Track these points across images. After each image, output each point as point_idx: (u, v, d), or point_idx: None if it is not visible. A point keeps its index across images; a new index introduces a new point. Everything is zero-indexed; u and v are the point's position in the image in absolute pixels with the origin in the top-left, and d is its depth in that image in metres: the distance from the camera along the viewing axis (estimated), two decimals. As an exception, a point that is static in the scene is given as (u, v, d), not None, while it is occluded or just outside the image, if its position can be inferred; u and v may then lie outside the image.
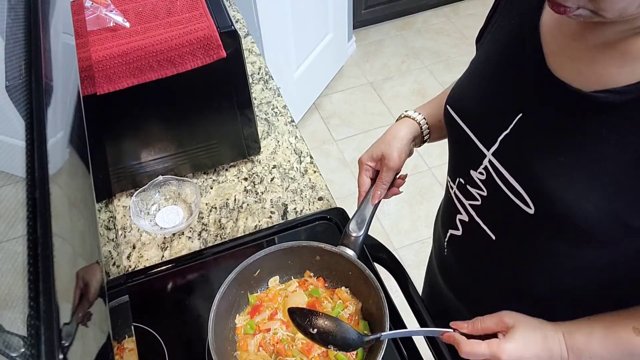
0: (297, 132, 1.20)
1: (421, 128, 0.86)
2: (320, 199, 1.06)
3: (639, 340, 0.60)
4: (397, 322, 0.83)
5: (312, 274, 0.87)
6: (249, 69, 1.34)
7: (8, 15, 0.47)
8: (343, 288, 0.85)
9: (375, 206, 0.86)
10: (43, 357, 0.27)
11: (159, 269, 0.95)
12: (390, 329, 0.74)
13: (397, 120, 0.89)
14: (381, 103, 2.81)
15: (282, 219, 1.03)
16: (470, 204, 0.73)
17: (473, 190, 0.71)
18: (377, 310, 0.77)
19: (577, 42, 0.56)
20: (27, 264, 0.31)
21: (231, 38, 0.89)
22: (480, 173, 0.68)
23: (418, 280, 0.94)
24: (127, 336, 0.68)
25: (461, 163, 0.74)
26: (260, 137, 1.11)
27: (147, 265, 0.97)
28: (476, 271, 0.79)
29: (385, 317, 0.74)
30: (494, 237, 0.70)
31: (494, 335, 0.66)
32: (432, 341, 0.81)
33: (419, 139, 0.88)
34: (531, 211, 0.60)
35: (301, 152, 1.15)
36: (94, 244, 0.46)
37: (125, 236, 1.03)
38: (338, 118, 2.74)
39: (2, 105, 0.40)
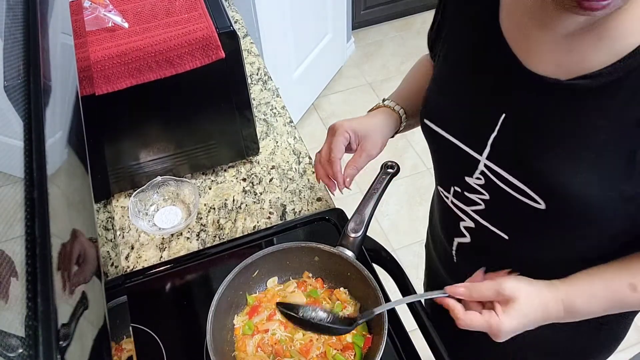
0: (296, 133, 1.20)
1: (401, 123, 0.85)
2: (319, 199, 1.06)
3: (632, 299, 0.61)
4: (395, 322, 0.83)
5: (310, 275, 0.87)
6: (248, 69, 1.34)
7: (7, 16, 0.47)
8: (341, 289, 0.85)
9: (374, 207, 0.86)
10: (41, 358, 0.27)
11: (157, 269, 0.95)
12: (388, 330, 0.74)
13: (377, 108, 0.86)
14: (380, 104, 2.81)
15: (281, 219, 1.03)
16: (472, 210, 0.72)
17: (473, 196, 0.70)
18: (376, 311, 0.77)
19: (546, 32, 0.55)
20: (25, 265, 0.31)
21: (230, 38, 0.89)
22: (478, 178, 0.67)
23: (416, 281, 0.94)
24: (125, 337, 0.68)
25: (452, 172, 0.73)
26: (259, 137, 1.11)
27: (146, 265, 0.97)
28: (493, 271, 0.79)
29: (384, 318, 0.74)
30: (506, 237, 0.70)
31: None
32: (431, 342, 0.81)
33: (395, 130, 0.86)
34: (542, 207, 0.60)
35: (300, 153, 1.15)
36: (92, 244, 0.46)
37: (123, 237, 1.03)
38: (337, 119, 2.71)
39: (1, 106, 0.40)
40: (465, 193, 0.71)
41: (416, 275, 2.10)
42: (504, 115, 0.61)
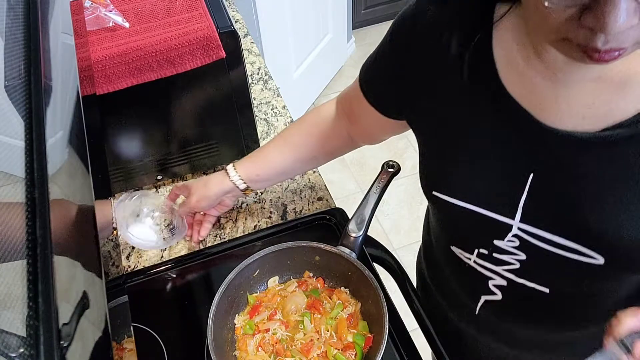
0: (296, 133, 1.19)
1: (237, 187, 0.89)
2: (319, 199, 1.06)
3: None
4: (397, 322, 0.83)
5: (311, 274, 0.87)
6: (249, 69, 1.34)
7: (7, 15, 0.47)
8: (342, 288, 0.85)
9: (375, 206, 0.86)
10: (42, 358, 0.27)
11: (158, 269, 0.95)
12: (389, 329, 0.74)
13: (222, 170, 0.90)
14: (381, 103, 2.81)
15: (282, 219, 1.03)
16: (504, 269, 0.66)
17: (504, 257, 0.64)
18: (377, 310, 0.77)
19: (558, 85, 0.51)
20: (26, 264, 0.31)
21: (230, 38, 0.89)
22: (511, 241, 0.61)
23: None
24: (126, 336, 0.67)
25: (477, 237, 0.67)
26: (259, 137, 1.11)
27: (147, 265, 0.97)
28: (528, 323, 0.74)
29: (385, 318, 0.74)
30: (547, 291, 0.64)
31: None
32: (431, 341, 0.81)
33: (238, 194, 0.92)
34: (599, 262, 0.55)
35: (301, 153, 1.15)
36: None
37: (124, 236, 1.03)
38: (337, 118, 2.74)
39: (2, 105, 0.40)
40: (495, 254, 0.65)
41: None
42: (532, 175, 0.56)
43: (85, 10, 0.87)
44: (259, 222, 1.03)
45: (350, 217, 0.88)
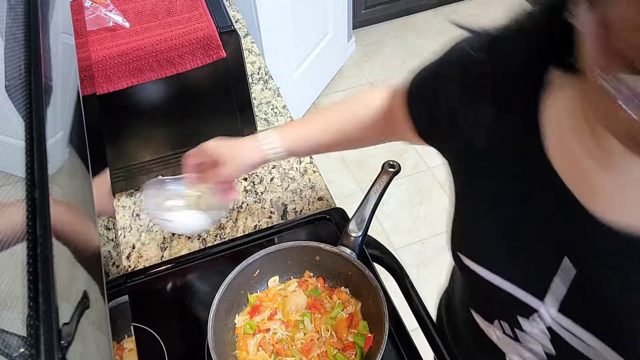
0: (296, 132, 1.19)
1: (275, 156, 0.80)
2: (319, 199, 1.06)
3: None
4: (397, 322, 0.83)
5: (311, 274, 0.87)
6: (249, 68, 1.34)
7: (7, 15, 0.47)
8: (342, 288, 0.85)
9: (375, 206, 0.86)
10: (42, 357, 0.27)
11: (158, 269, 0.95)
12: (389, 329, 0.74)
13: (252, 135, 0.82)
14: (381, 103, 2.81)
15: (282, 219, 1.03)
16: (529, 349, 0.59)
17: (529, 338, 0.57)
18: (377, 310, 0.77)
19: (612, 176, 0.45)
20: (27, 264, 0.31)
21: (231, 38, 0.89)
22: (537, 327, 0.55)
23: (417, 280, 0.93)
24: (126, 336, 0.67)
25: (497, 308, 0.61)
26: (260, 137, 1.11)
27: (147, 265, 0.97)
28: None
29: (385, 318, 0.74)
30: None
31: None
32: (432, 341, 0.81)
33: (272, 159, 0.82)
34: None
35: (301, 152, 1.15)
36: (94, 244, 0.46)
37: (124, 236, 1.03)
38: (338, 118, 2.74)
39: (2, 105, 0.40)
40: (517, 332, 0.58)
41: (417, 275, 2.10)
42: (568, 261, 0.49)
43: (85, 10, 0.87)
44: (259, 222, 1.03)
45: (350, 217, 0.88)
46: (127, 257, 0.99)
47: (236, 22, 1.49)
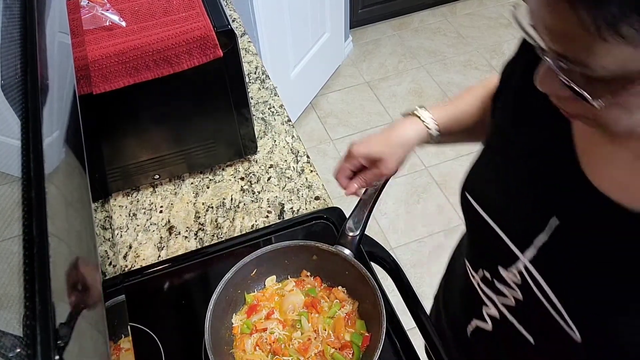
0: (293, 132, 1.19)
1: (431, 136, 0.78)
2: (317, 198, 1.06)
3: None
4: (394, 321, 0.83)
5: (308, 274, 0.87)
6: (246, 68, 1.34)
7: (4, 14, 0.47)
8: (340, 287, 0.85)
9: (372, 206, 0.86)
10: (39, 357, 0.27)
11: (155, 268, 0.95)
12: (386, 328, 0.74)
13: (405, 115, 0.80)
14: (378, 103, 2.81)
15: (279, 218, 1.03)
16: (501, 302, 0.64)
17: (504, 289, 0.62)
18: (374, 309, 0.77)
19: (617, 148, 0.47)
20: (23, 264, 0.31)
21: (228, 37, 0.88)
22: (514, 275, 0.59)
23: (414, 279, 0.94)
24: (123, 336, 0.67)
25: (485, 255, 0.66)
26: (257, 136, 1.11)
27: (144, 264, 0.97)
28: None
29: (382, 317, 0.74)
30: (533, 342, 0.61)
31: None
32: (429, 340, 0.81)
33: (424, 143, 0.80)
34: (577, 339, 0.52)
35: (298, 152, 1.15)
36: (90, 243, 0.46)
37: (121, 236, 1.02)
38: (335, 117, 2.74)
39: (-2, 105, 0.40)
40: (495, 281, 0.63)
41: (414, 274, 2.10)
42: (554, 217, 0.52)
43: (82, 9, 0.87)
44: (256, 221, 1.03)
45: (347, 216, 0.89)
46: (124, 257, 0.99)
47: (233, 21, 1.48)
